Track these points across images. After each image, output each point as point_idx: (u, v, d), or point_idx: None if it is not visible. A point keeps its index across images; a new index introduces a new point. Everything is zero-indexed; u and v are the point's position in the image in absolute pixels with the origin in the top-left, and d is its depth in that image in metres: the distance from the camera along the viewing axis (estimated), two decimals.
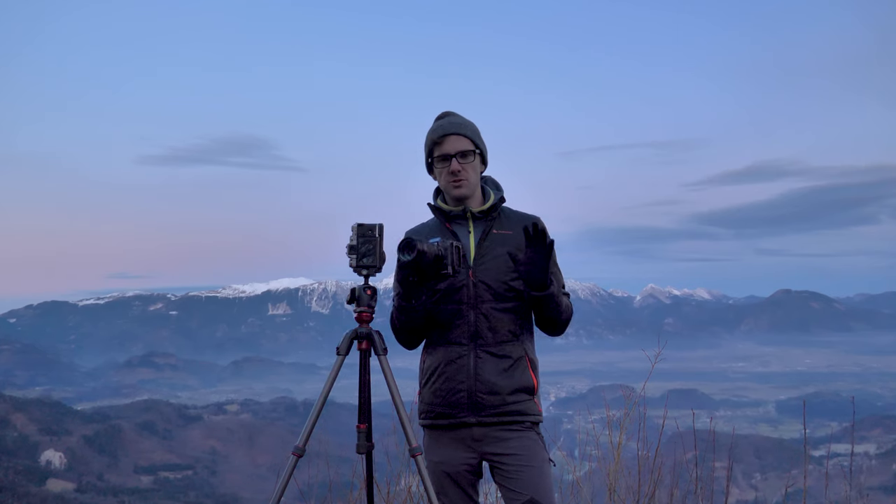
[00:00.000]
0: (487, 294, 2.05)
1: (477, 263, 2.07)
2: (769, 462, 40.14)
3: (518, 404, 2.04)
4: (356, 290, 2.09)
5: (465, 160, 2.07)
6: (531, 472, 2.01)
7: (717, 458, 3.18)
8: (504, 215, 2.14)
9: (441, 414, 2.08)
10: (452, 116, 2.13)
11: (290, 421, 67.80)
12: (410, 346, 2.18)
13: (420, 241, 1.94)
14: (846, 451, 3.19)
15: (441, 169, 2.09)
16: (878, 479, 29.90)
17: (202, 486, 53.06)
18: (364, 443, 2.08)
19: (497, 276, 2.06)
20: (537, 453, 2.04)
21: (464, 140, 2.07)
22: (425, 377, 2.13)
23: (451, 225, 2.12)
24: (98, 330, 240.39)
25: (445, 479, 2.08)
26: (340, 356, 2.07)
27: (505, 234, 2.09)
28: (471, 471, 2.09)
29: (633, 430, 3.29)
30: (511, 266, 2.05)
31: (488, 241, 2.08)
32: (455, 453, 2.07)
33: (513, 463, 2.02)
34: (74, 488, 45.75)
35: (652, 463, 3.18)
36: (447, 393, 2.05)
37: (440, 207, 2.13)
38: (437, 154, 2.09)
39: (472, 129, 2.11)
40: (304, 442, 2.05)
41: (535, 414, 2.08)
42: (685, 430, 3.29)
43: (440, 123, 2.11)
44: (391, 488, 3.38)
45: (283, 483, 2.05)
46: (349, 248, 2.08)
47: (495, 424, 2.03)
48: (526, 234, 1.94)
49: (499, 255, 2.07)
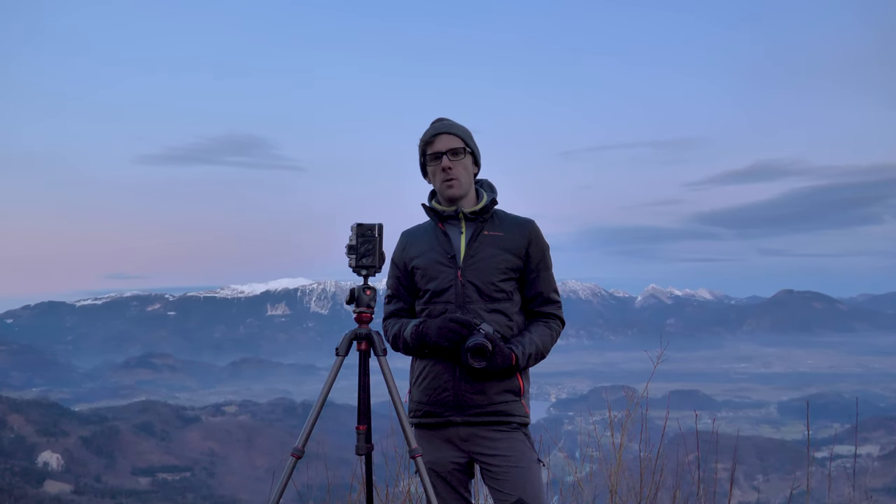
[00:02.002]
0: (475, 294, 2.08)
1: (466, 264, 2.09)
2: (772, 464, 40.16)
3: (504, 405, 2.06)
4: (355, 291, 2.09)
5: (456, 158, 2.11)
6: (519, 473, 2.03)
7: (720, 459, 3.17)
8: (497, 217, 2.17)
9: (428, 413, 2.10)
10: (445, 120, 2.19)
11: (288, 422, 67.70)
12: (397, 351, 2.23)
13: (485, 344, 1.96)
14: (849, 453, 3.18)
15: (433, 168, 2.13)
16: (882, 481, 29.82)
17: (200, 488, 52.96)
18: (363, 444, 2.08)
19: (485, 276, 2.08)
20: (525, 454, 2.06)
21: (455, 139, 2.12)
22: (414, 375, 2.17)
23: (443, 225, 2.15)
24: (95, 330, 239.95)
25: (437, 479, 2.10)
26: (339, 357, 2.08)
27: (496, 236, 2.12)
28: (461, 470, 2.11)
29: (634, 431, 3.28)
30: (500, 267, 2.09)
31: (478, 242, 2.11)
32: (444, 453, 2.10)
33: (500, 464, 2.04)
34: (72, 490, 45.61)
35: (654, 464, 3.18)
36: (434, 392, 2.08)
37: (434, 208, 2.16)
38: (428, 153, 2.14)
39: (464, 130, 2.16)
40: (303, 443, 2.05)
41: (522, 415, 2.10)
42: (687, 431, 3.28)
43: (432, 125, 2.18)
44: (390, 490, 3.36)
45: (282, 485, 2.05)
46: (348, 248, 2.08)
47: (481, 424, 2.06)
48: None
49: (488, 256, 2.09)
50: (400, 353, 2.20)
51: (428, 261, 2.13)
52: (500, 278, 2.09)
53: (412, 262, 2.17)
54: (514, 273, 2.12)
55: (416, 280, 2.17)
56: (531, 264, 2.14)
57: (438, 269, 2.11)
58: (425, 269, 2.13)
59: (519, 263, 2.12)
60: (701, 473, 3.16)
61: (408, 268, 2.18)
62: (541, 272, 2.15)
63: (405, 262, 2.20)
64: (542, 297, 2.16)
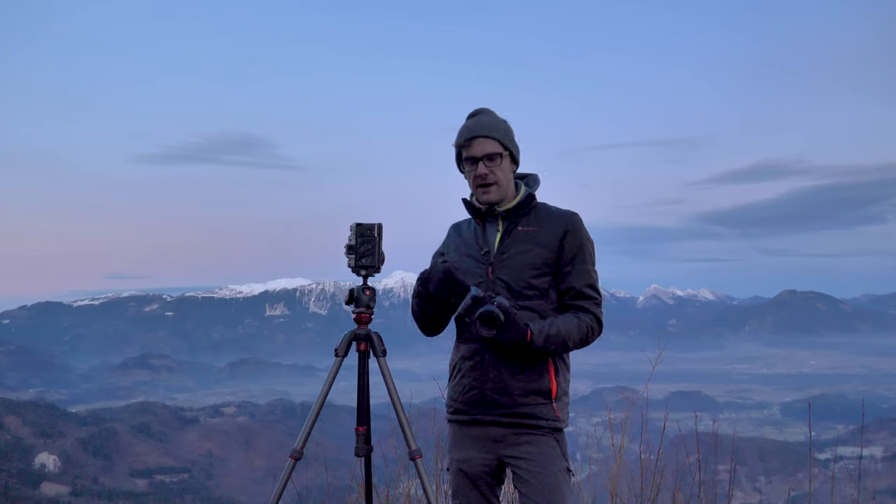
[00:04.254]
0: (505, 292, 2.02)
1: (497, 260, 2.04)
2: (774, 465, 39.99)
3: (531, 407, 1.98)
4: (355, 291, 2.08)
5: (493, 163, 2.02)
6: (544, 479, 1.97)
7: (721, 461, 3.16)
8: (536, 212, 2.08)
9: (459, 410, 2.07)
10: (482, 116, 2.06)
11: (287, 423, 67.59)
12: (428, 332, 2.17)
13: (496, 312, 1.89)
14: (852, 454, 3.16)
15: (469, 172, 2.07)
16: (886, 483, 29.75)
17: (198, 490, 52.85)
18: (363, 446, 2.07)
19: (516, 273, 2.02)
20: (553, 460, 1.99)
21: (491, 143, 2.02)
22: (450, 372, 2.13)
23: (482, 221, 2.11)
24: (93, 331, 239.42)
25: (463, 478, 2.06)
26: (339, 358, 2.07)
27: (529, 231, 2.04)
28: (490, 473, 2.05)
29: (635, 432, 3.26)
30: (533, 263, 2.02)
31: (511, 238, 2.05)
32: (474, 453, 2.05)
33: (527, 468, 1.99)
34: (69, 492, 45.49)
35: (654, 466, 3.16)
36: (463, 389, 2.05)
37: (472, 204, 2.11)
38: (464, 156, 2.05)
39: (502, 129, 2.05)
40: (302, 445, 2.04)
41: (553, 419, 2.00)
42: (688, 432, 3.26)
43: (467, 125, 2.06)
44: (390, 492, 3.35)
45: (281, 486, 2.04)
46: (348, 248, 2.07)
47: (511, 426, 2.00)
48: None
49: (519, 252, 2.03)
50: (417, 318, 2.13)
51: (461, 255, 2.10)
52: (533, 274, 2.01)
53: (447, 255, 2.15)
54: (549, 268, 2.02)
55: None
56: (565, 257, 2.02)
57: (469, 264, 2.07)
58: (456, 265, 2.08)
59: (552, 257, 2.02)
60: (702, 475, 3.14)
61: (445, 260, 2.15)
62: (576, 266, 2.02)
63: (443, 253, 2.18)
64: (575, 291, 2.03)
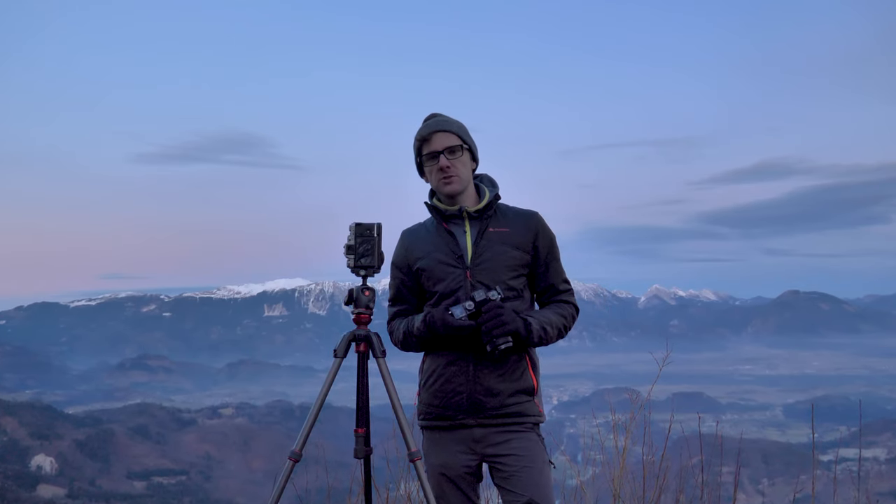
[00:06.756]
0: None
1: (474, 263, 2.04)
2: (777, 467, 39.90)
3: (518, 405, 2.03)
4: (354, 291, 2.07)
5: (454, 156, 2.06)
6: (531, 473, 2.00)
7: (724, 462, 3.14)
8: (500, 212, 2.12)
9: (440, 415, 2.06)
10: (439, 116, 2.12)
11: (286, 425, 67.57)
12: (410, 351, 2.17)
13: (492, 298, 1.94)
14: (855, 456, 3.15)
15: (431, 167, 2.08)
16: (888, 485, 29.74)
17: (196, 492, 52.77)
18: (362, 447, 2.06)
19: (495, 275, 2.03)
20: (538, 454, 2.04)
21: (451, 136, 2.06)
22: (424, 378, 2.12)
23: (447, 224, 2.10)
24: (90, 332, 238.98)
25: (445, 482, 2.07)
26: (338, 359, 2.06)
27: (502, 232, 2.08)
28: (471, 472, 2.08)
29: (637, 434, 3.25)
30: (510, 265, 2.04)
31: (485, 240, 2.06)
32: (455, 456, 2.06)
33: (512, 464, 2.01)
34: (66, 494, 45.38)
35: (657, 468, 3.16)
36: (446, 395, 2.04)
37: (436, 206, 2.11)
38: (425, 152, 2.09)
39: (459, 125, 2.10)
40: (301, 446, 2.03)
41: (536, 415, 2.07)
42: (691, 434, 3.26)
43: (426, 123, 2.11)
44: (390, 494, 3.33)
45: (280, 489, 2.03)
46: (347, 248, 2.06)
47: (496, 425, 2.02)
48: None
49: (496, 255, 2.05)
50: (411, 350, 2.14)
51: (434, 262, 2.07)
52: (511, 276, 2.05)
53: (417, 263, 2.11)
54: (524, 269, 2.08)
55: (423, 282, 2.11)
56: (540, 258, 2.10)
57: (446, 270, 2.06)
58: (432, 271, 2.07)
59: (527, 259, 2.08)
60: (705, 477, 3.13)
61: (412, 269, 2.12)
62: (550, 264, 2.10)
63: (409, 264, 2.13)
64: (554, 289, 2.12)
